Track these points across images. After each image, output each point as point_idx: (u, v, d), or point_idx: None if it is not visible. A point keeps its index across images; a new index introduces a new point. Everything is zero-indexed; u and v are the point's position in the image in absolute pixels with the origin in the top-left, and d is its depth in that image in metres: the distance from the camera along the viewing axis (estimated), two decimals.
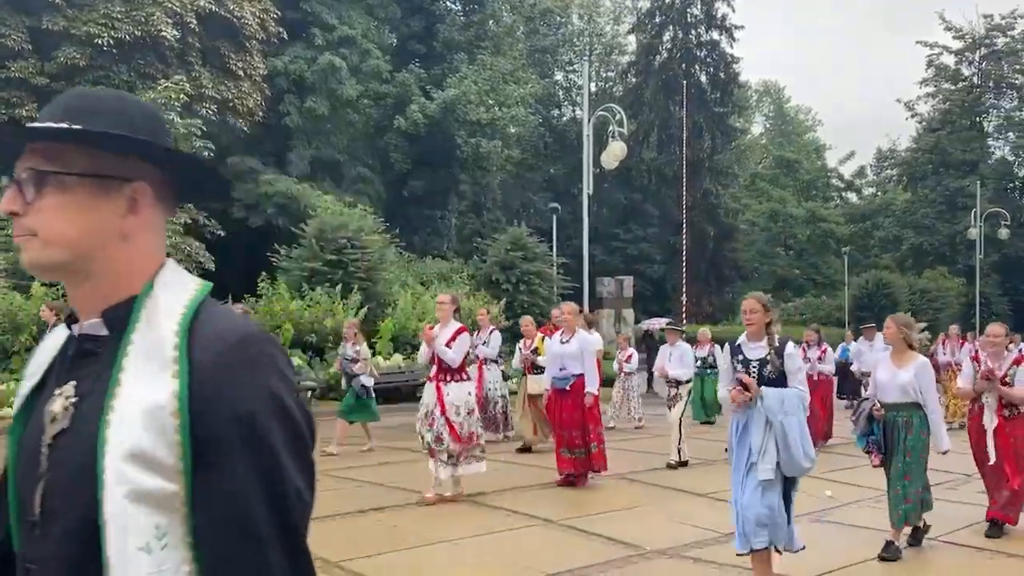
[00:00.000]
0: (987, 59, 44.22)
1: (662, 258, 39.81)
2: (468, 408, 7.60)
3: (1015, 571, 6.08)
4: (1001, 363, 6.86)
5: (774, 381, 5.15)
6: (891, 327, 6.43)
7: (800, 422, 5.04)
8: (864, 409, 6.29)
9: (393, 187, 30.89)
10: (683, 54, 40.69)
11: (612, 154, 19.41)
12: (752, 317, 5.24)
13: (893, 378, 6.21)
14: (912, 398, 6.15)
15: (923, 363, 6.25)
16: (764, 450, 5.02)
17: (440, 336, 7.54)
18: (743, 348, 5.32)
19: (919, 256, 42.93)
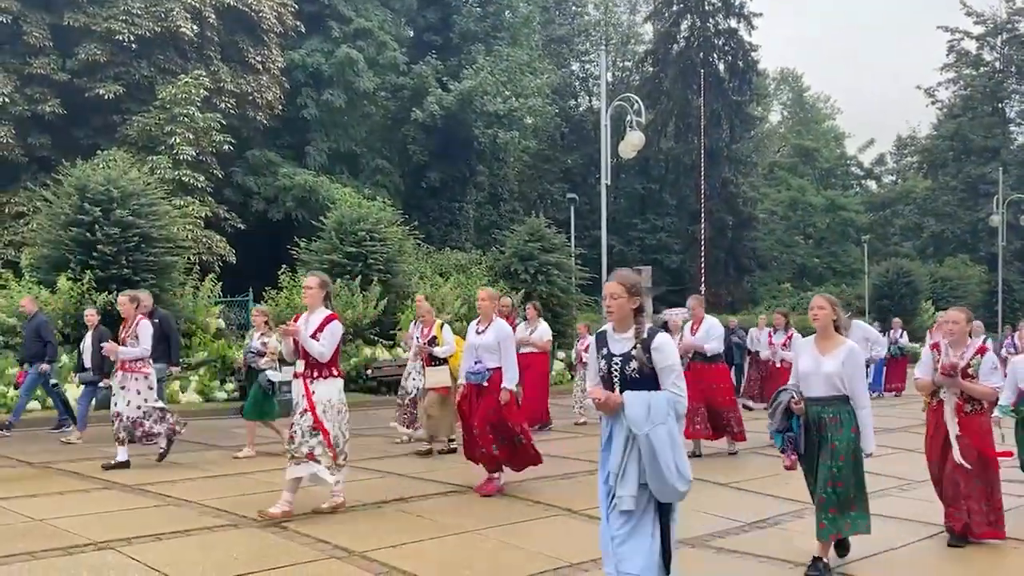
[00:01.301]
0: (1009, 44, 43.73)
1: (680, 248, 39.71)
2: (339, 408, 6.72)
3: None
4: (963, 353, 6.18)
5: (640, 382, 4.21)
6: (823, 307, 5.48)
7: (671, 433, 4.11)
8: (781, 401, 5.45)
9: (411, 179, 30.96)
10: (701, 42, 40.47)
11: (630, 144, 19.39)
12: (612, 303, 4.30)
13: (817, 367, 5.38)
14: (840, 391, 5.34)
15: (851, 350, 5.39)
16: (623, 472, 4.11)
17: (307, 325, 6.64)
18: (608, 340, 4.38)
19: (940, 244, 42.60)
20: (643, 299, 4.40)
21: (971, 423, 6.12)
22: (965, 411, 6.12)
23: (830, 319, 5.45)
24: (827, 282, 42.57)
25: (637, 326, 4.29)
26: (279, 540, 6.06)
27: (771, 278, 45.00)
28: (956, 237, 42.25)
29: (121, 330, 8.88)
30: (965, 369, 6.08)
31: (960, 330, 6.23)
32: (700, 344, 9.84)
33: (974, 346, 6.21)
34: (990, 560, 6.24)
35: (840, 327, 5.50)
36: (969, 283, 36.53)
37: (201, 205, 20.23)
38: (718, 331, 9.96)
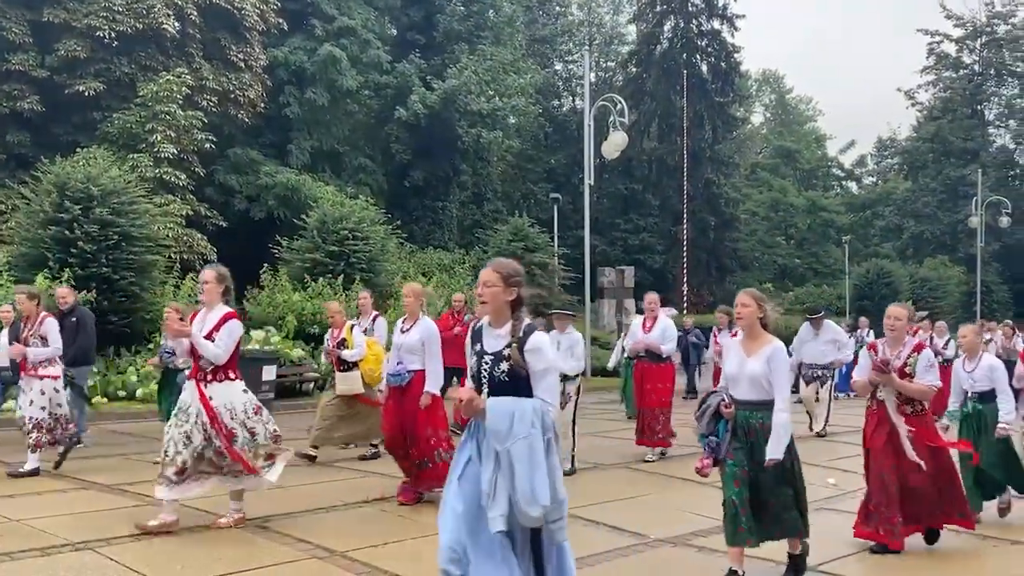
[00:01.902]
0: (988, 47, 44.15)
1: (663, 248, 39.83)
2: (249, 407, 6.17)
3: None
4: (900, 351, 5.93)
5: (510, 385, 3.73)
6: (747, 304, 5.08)
7: (532, 447, 3.59)
8: (710, 405, 5.10)
9: (394, 178, 30.88)
10: (684, 43, 40.60)
11: (613, 144, 19.43)
12: (485, 292, 3.84)
13: (742, 369, 5.01)
14: (768, 394, 4.95)
15: (776, 349, 4.98)
16: (493, 491, 3.63)
17: (204, 324, 6.08)
18: (483, 335, 3.91)
19: (920, 245, 42.95)
20: (522, 290, 3.86)
21: (912, 424, 5.90)
22: (906, 412, 5.89)
23: (755, 317, 5.06)
24: (808, 282, 42.83)
25: (514, 322, 3.80)
26: (261, 540, 6.02)
27: (753, 278, 45.16)
28: (936, 238, 42.62)
29: (24, 329, 8.21)
30: (903, 368, 5.85)
31: (901, 327, 5.98)
32: (656, 343, 9.54)
33: (911, 344, 5.99)
34: (968, 555, 6.30)
35: (768, 325, 5.12)
36: (948, 284, 36.83)
37: (182, 203, 20.10)
38: (673, 332, 9.74)
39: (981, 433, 6.88)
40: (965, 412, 7.04)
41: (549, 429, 3.72)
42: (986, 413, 6.89)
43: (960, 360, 7.18)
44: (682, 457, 9.65)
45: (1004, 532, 6.91)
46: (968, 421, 7.01)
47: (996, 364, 7.03)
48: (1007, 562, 6.27)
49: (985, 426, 6.87)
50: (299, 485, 7.69)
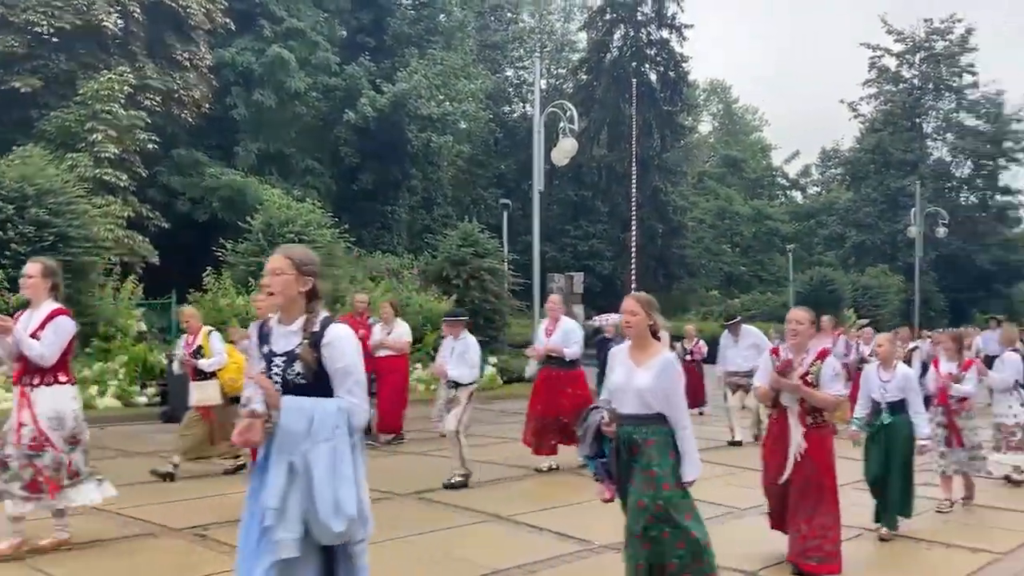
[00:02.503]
0: (927, 62, 45.41)
1: (612, 254, 40.11)
2: (80, 416, 5.70)
3: None
4: (804, 357, 5.56)
5: (307, 389, 3.26)
6: (634, 311, 4.53)
7: (336, 453, 3.17)
8: (592, 422, 4.54)
9: (342, 181, 30.60)
10: (633, 52, 41.01)
11: (563, 151, 19.45)
12: (274, 281, 3.36)
13: (629, 381, 4.50)
14: (654, 408, 4.45)
15: (667, 362, 4.49)
16: (285, 506, 3.15)
17: (29, 322, 5.54)
18: (271, 333, 3.42)
19: (861, 254, 43.91)
20: (319, 282, 3.44)
21: (812, 437, 5.52)
22: (808, 423, 5.53)
23: (644, 325, 4.54)
24: (753, 290, 43.50)
25: (308, 315, 3.35)
26: (200, 549, 5.89)
27: (699, 285, 45.81)
28: (876, 247, 43.61)
29: None
30: (805, 375, 5.48)
31: (804, 331, 5.59)
32: (559, 347, 9.06)
33: (815, 350, 5.59)
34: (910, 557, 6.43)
35: (658, 333, 4.64)
36: (888, 292, 37.72)
37: (123, 205, 19.64)
38: (577, 335, 9.23)
39: (891, 446, 6.74)
40: (876, 424, 6.88)
41: (356, 432, 3.30)
42: (897, 425, 6.76)
43: (874, 368, 7.05)
44: None
45: (935, 535, 7.07)
46: (878, 435, 6.84)
47: (910, 375, 6.94)
48: (938, 565, 6.41)
49: (895, 439, 6.73)
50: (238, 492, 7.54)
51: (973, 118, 45.05)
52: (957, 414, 7.97)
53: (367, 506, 3.27)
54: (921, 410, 6.80)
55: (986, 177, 45.18)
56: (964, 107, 45.41)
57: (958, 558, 6.47)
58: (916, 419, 6.72)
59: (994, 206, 44.90)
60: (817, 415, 5.53)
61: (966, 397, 8.03)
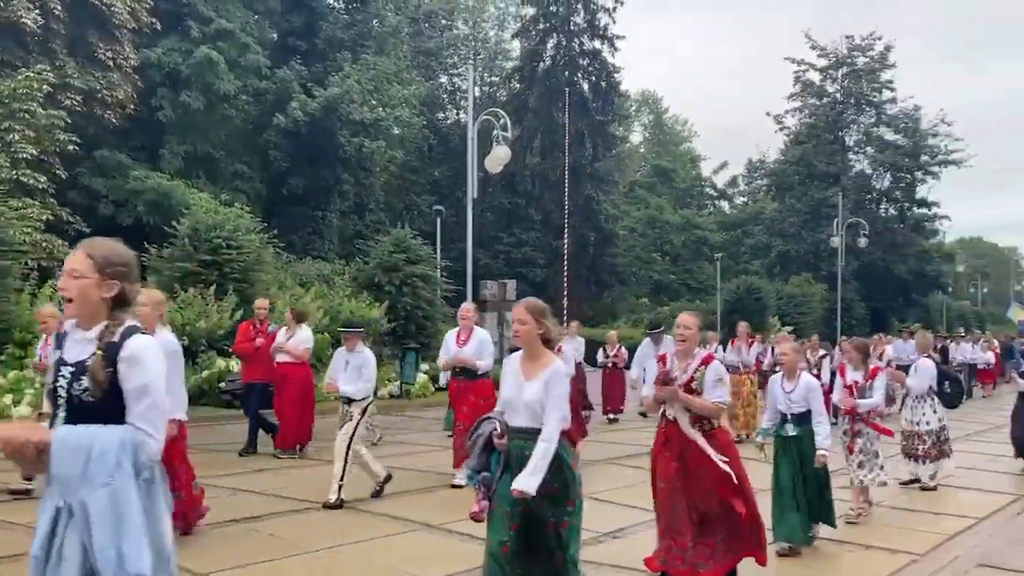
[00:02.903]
0: (848, 77, 46.87)
1: (545, 262, 40.32)
2: None
3: None
4: (689, 364, 5.31)
5: (95, 410, 2.71)
6: (524, 320, 4.29)
7: (118, 497, 2.61)
8: (481, 433, 4.33)
9: (272, 186, 30.12)
10: (566, 62, 41.35)
11: (496, 158, 19.50)
12: (71, 284, 2.81)
13: (520, 392, 4.29)
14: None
15: (555, 372, 4.26)
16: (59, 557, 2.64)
17: None
18: (67, 339, 2.89)
19: (786, 263, 45.02)
20: (129, 286, 2.87)
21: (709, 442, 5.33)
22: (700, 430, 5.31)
23: (534, 334, 4.29)
24: (682, 298, 44.20)
25: (108, 322, 2.80)
26: None
27: (630, 293, 46.36)
28: (801, 257, 44.75)
29: None
30: (689, 382, 5.23)
31: (692, 337, 5.34)
32: (471, 359, 8.57)
33: (700, 356, 5.36)
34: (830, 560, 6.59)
35: (552, 341, 4.40)
36: (812, 300, 38.74)
37: (42, 207, 18.96)
38: (490, 347, 8.83)
39: (803, 458, 6.59)
40: (783, 436, 6.72)
41: (145, 468, 2.71)
42: (804, 437, 6.61)
43: (778, 378, 6.84)
44: None
45: (855, 538, 7.26)
46: (787, 446, 6.69)
47: (813, 384, 6.72)
48: (859, 567, 6.59)
49: (805, 451, 6.57)
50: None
51: (892, 132, 46.65)
52: (866, 423, 7.91)
53: (168, 545, 2.77)
54: (823, 419, 6.61)
55: (904, 190, 46.81)
56: (884, 121, 46.99)
57: (878, 560, 6.66)
58: (816, 428, 6.56)
59: (912, 218, 46.54)
60: (705, 423, 5.24)
61: (872, 409, 7.98)
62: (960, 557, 6.81)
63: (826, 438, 6.50)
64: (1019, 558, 6.81)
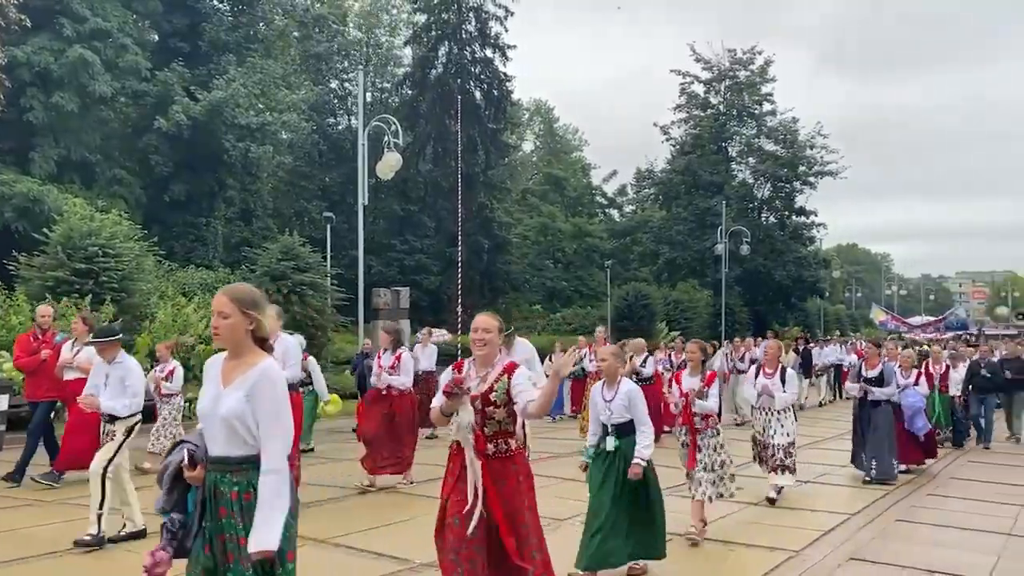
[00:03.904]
0: (731, 90, 48.51)
1: (438, 269, 40.18)
2: None
3: None
4: (488, 372, 4.55)
5: None
6: (226, 313, 3.39)
7: None
8: (171, 464, 3.39)
9: (153, 191, 28.97)
10: (458, 69, 41.37)
11: (387, 165, 19.37)
12: None
13: (216, 405, 3.33)
14: (250, 444, 3.27)
15: (263, 373, 3.31)
16: None
17: None
18: None
19: (673, 270, 46.20)
20: None
21: (494, 468, 4.42)
22: (488, 452, 4.42)
23: (240, 328, 3.38)
24: (574, 304, 44.80)
25: None
26: None
27: (523, 300, 46.71)
28: (687, 263, 46.01)
29: None
30: (487, 393, 4.43)
31: (492, 341, 4.51)
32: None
33: (502, 364, 4.52)
34: (713, 558, 6.76)
35: (267, 338, 3.52)
36: (698, 305, 39.96)
37: None
38: (296, 354, 7.98)
39: (623, 477, 5.82)
40: (603, 450, 5.98)
41: None
42: (626, 451, 5.88)
43: (599, 387, 6.16)
44: None
45: (736, 536, 7.49)
46: (608, 462, 5.92)
47: (634, 391, 6.04)
48: (740, 564, 6.79)
49: (626, 469, 5.83)
50: (35, 526, 6.92)
51: (772, 143, 48.53)
52: (701, 432, 7.29)
53: None
54: (646, 429, 5.93)
55: (784, 199, 48.74)
56: (764, 133, 48.82)
57: (758, 556, 6.89)
58: (638, 438, 5.87)
59: (791, 226, 48.47)
60: (500, 441, 4.42)
61: (710, 414, 7.33)
62: (833, 552, 7.12)
63: (646, 448, 5.85)
64: (887, 551, 7.17)
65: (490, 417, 4.46)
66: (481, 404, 4.46)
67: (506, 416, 4.49)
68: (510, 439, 4.52)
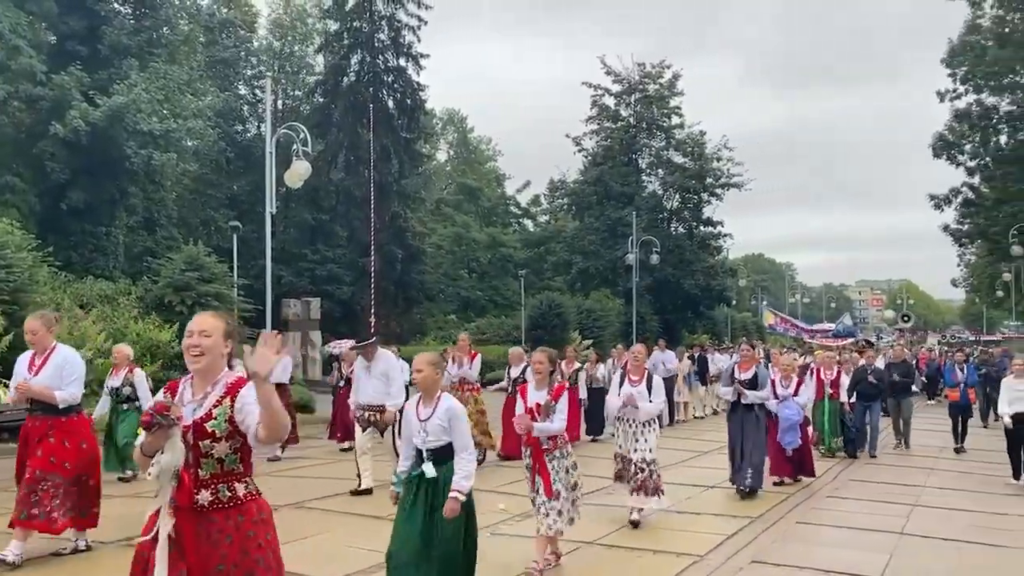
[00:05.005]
0: (640, 103, 49.43)
1: (351, 279, 39.68)
2: None
3: None
4: (208, 392, 3.47)
5: None
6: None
7: None
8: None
9: (49, 199, 27.75)
10: (371, 78, 41.04)
11: (296, 173, 19.01)
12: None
13: None
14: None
15: None
16: None
17: None
18: None
19: (586, 279, 46.73)
20: None
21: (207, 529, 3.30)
22: (199, 503, 3.30)
23: None
24: (488, 313, 44.90)
25: None
26: None
27: (438, 310, 46.56)
28: (599, 273, 46.60)
29: None
30: (204, 421, 3.33)
31: (213, 348, 3.46)
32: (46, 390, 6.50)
33: (226, 381, 3.45)
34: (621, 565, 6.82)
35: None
36: (610, 314, 40.46)
37: None
38: (80, 371, 6.71)
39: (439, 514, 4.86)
40: (415, 477, 5.02)
41: None
42: (445, 481, 4.92)
43: (414, 401, 5.19)
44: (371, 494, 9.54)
45: (643, 542, 7.59)
46: (422, 492, 4.97)
47: (455, 409, 5.06)
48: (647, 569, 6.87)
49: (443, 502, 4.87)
50: None
51: (680, 156, 49.63)
52: (549, 453, 6.40)
53: None
54: (468, 455, 4.98)
55: (692, 209, 49.86)
56: (673, 145, 49.91)
57: (664, 561, 6.99)
58: (457, 465, 4.94)
59: (699, 236, 49.61)
60: (221, 487, 3.35)
61: (555, 435, 6.46)
62: (736, 555, 7.27)
63: (467, 478, 4.90)
64: (788, 553, 7.37)
65: (207, 454, 3.32)
66: (194, 437, 3.31)
67: (231, 451, 3.36)
68: (237, 482, 3.38)
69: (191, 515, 3.29)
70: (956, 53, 39.75)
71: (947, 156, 41.01)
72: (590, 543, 7.26)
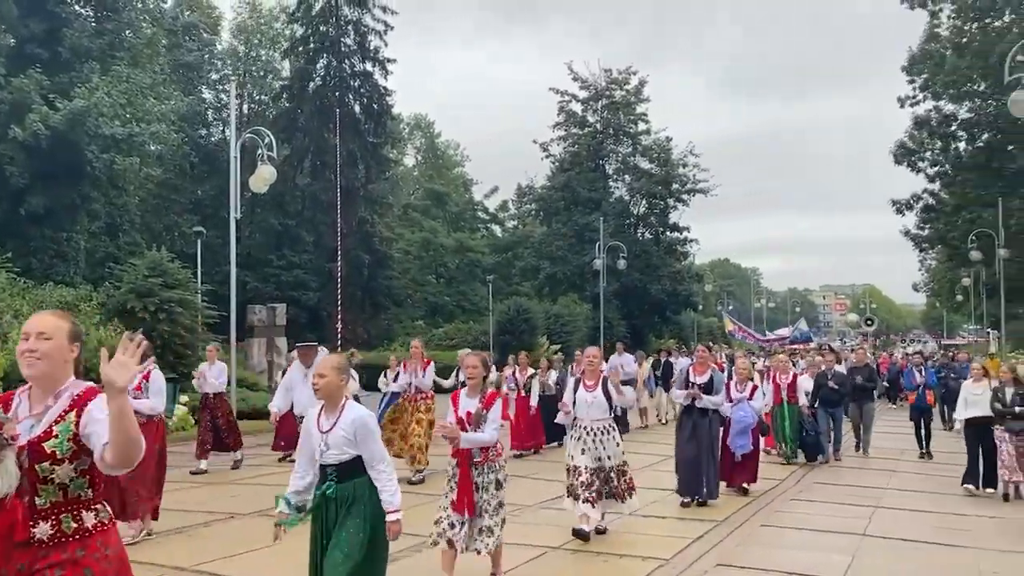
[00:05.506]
0: (607, 109, 49.71)
1: (318, 285, 39.43)
2: None
3: None
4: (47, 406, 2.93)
5: None
6: None
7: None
8: None
9: (7, 204, 27.23)
10: (337, 82, 40.87)
11: (261, 178, 18.86)
12: None
13: None
14: None
15: None
16: None
17: None
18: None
19: (554, 284, 46.85)
20: None
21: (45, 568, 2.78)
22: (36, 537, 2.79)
23: None
24: (457, 319, 44.81)
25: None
26: None
27: (406, 315, 46.39)
28: (567, 278, 46.73)
29: None
30: (41, 441, 2.82)
31: (51, 354, 2.89)
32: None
33: (72, 392, 2.92)
34: (589, 569, 6.84)
35: None
36: (578, 319, 40.59)
37: None
38: None
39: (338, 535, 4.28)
40: (322, 496, 4.37)
41: None
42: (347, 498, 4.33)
43: (314, 414, 4.50)
44: None
45: (611, 548, 7.61)
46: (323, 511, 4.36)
47: (363, 419, 4.39)
48: (614, 573, 6.90)
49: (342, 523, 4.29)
50: None
51: (647, 162, 49.95)
52: (478, 467, 5.94)
53: None
54: (384, 467, 4.37)
55: (658, 215, 50.18)
56: (639, 151, 50.23)
57: (631, 566, 7.02)
58: (378, 480, 4.34)
59: (665, 241, 49.95)
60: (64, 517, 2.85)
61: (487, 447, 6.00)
62: (701, 558, 7.32)
63: (395, 494, 4.35)
64: (751, 556, 7.44)
65: (46, 479, 2.82)
66: (30, 459, 2.81)
67: (77, 475, 2.86)
68: (85, 510, 2.88)
69: (25, 553, 2.74)
70: (916, 61, 40.45)
71: (908, 163, 41.66)
72: (555, 548, 7.27)
